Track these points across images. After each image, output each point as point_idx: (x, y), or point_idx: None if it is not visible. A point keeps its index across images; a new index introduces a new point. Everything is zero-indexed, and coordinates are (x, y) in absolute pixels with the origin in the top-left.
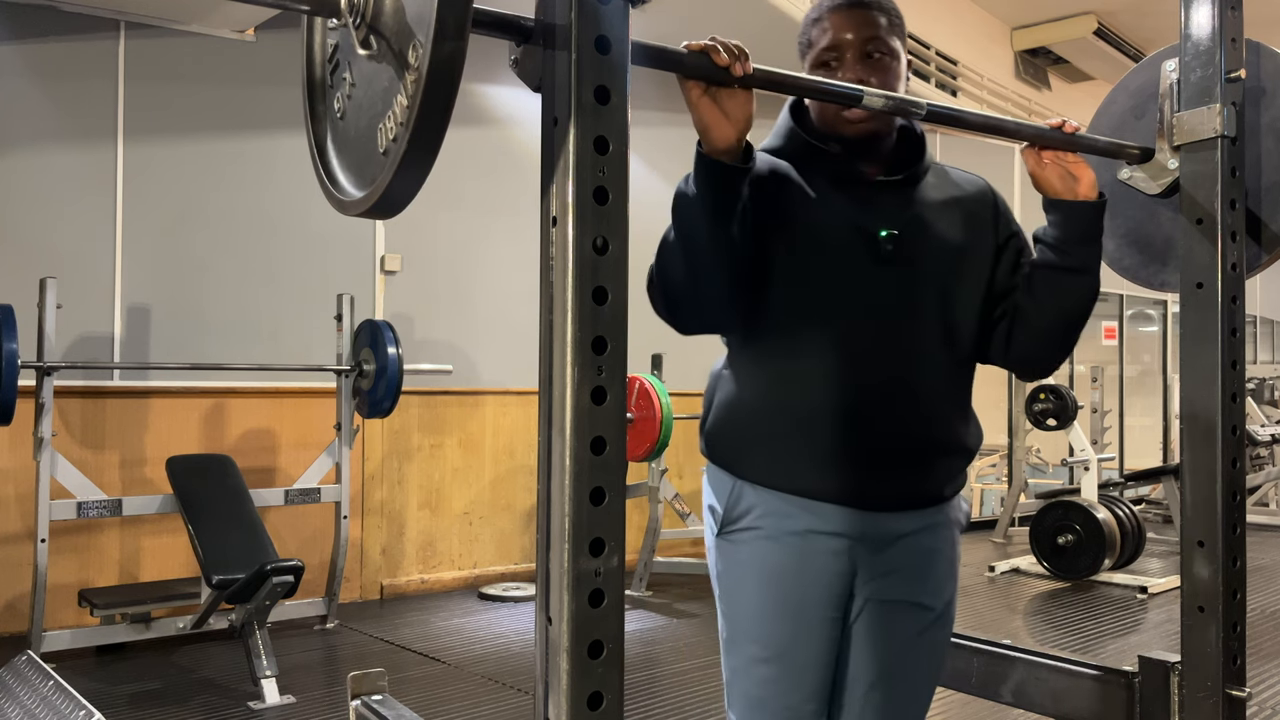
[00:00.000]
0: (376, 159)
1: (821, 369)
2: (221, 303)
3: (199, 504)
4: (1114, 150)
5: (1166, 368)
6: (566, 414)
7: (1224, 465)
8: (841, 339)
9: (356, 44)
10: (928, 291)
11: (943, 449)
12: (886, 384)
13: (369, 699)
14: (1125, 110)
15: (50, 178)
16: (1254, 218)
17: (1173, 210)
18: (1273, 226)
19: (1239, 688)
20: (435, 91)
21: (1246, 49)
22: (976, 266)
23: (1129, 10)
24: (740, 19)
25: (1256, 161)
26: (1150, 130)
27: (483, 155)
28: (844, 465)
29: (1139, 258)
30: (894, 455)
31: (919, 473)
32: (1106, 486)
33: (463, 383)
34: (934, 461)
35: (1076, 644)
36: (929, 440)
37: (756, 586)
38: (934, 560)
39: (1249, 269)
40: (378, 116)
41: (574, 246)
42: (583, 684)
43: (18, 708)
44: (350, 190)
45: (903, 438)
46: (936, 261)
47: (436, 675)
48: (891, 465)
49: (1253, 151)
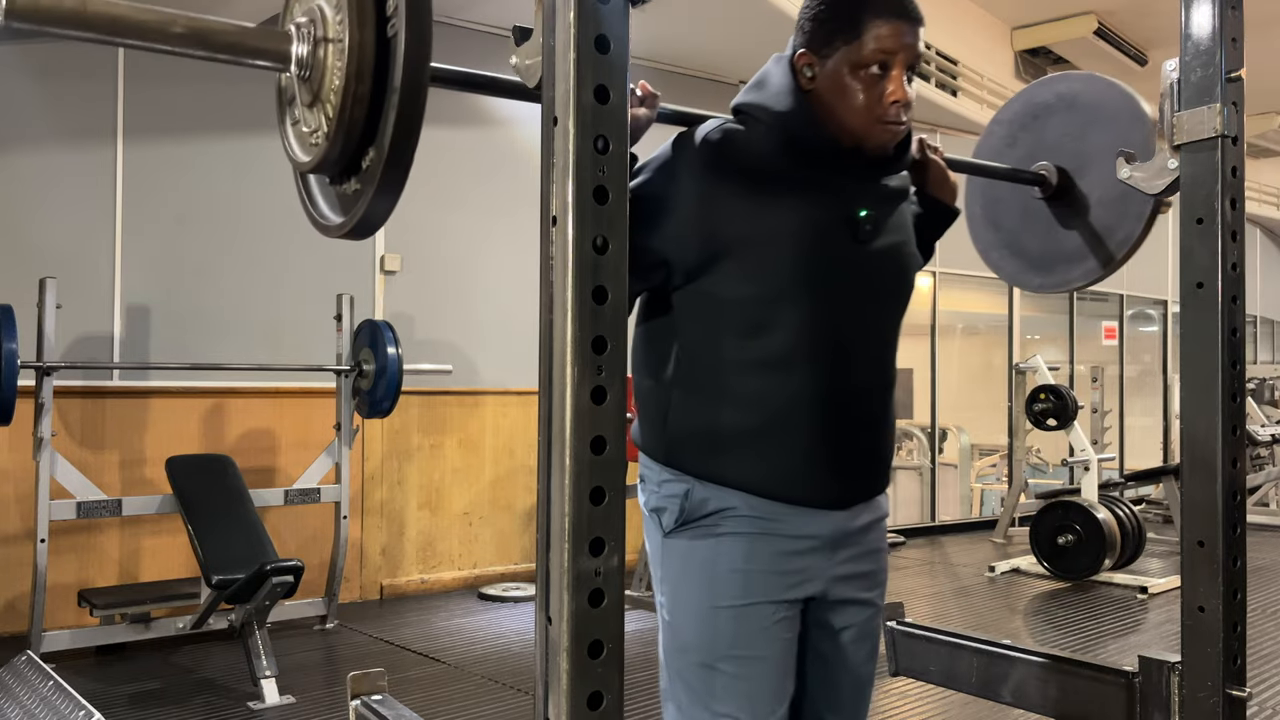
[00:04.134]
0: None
1: (800, 365)
2: (221, 303)
3: (199, 504)
4: (1011, 175)
5: (1166, 368)
6: (566, 414)
7: (1224, 465)
8: (820, 327)
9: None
10: (898, 265)
11: (892, 436)
12: (862, 384)
13: (369, 699)
14: (1000, 140)
15: (50, 178)
16: (1096, 235)
17: (1046, 224)
18: (1109, 245)
19: (1239, 688)
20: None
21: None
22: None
23: (1129, 10)
24: (740, 19)
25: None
26: (1022, 156)
27: (483, 155)
28: (824, 467)
29: (1018, 264)
30: (868, 453)
31: (883, 465)
32: (1106, 486)
33: (463, 383)
34: (890, 450)
35: (1076, 644)
36: (889, 431)
37: (715, 587)
38: (881, 557)
39: (1049, 290)
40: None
41: (574, 246)
42: (583, 684)
43: (17, 708)
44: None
45: (875, 436)
46: (902, 235)
47: (436, 675)
48: (866, 463)
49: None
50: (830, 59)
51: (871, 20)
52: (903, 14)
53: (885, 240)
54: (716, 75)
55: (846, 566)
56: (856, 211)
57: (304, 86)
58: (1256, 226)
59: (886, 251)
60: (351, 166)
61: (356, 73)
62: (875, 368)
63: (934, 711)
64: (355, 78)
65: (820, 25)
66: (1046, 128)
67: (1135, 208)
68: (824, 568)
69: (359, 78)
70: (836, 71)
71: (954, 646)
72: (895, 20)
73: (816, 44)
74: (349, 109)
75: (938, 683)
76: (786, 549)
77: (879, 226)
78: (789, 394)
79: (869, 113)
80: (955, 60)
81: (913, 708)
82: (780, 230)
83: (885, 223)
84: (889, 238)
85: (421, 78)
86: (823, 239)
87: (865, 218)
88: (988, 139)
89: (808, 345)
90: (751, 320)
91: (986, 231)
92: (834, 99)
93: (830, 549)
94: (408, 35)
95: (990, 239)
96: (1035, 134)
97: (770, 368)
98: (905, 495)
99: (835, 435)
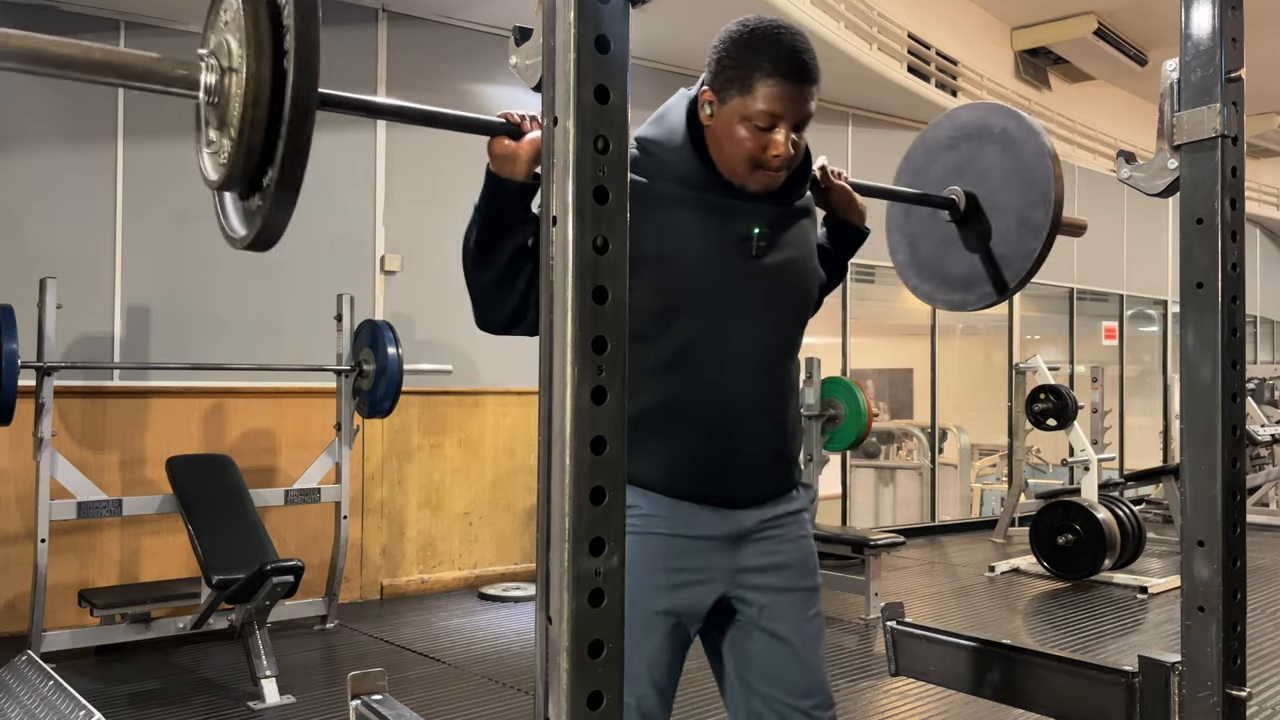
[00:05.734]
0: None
1: (695, 371)
2: (221, 303)
3: (199, 504)
4: (920, 199)
5: (1166, 368)
6: (566, 414)
7: (1224, 465)
8: (717, 338)
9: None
10: (794, 278)
11: (795, 433)
12: (756, 389)
13: (369, 699)
14: (919, 164)
15: (50, 178)
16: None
17: (960, 246)
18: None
19: (1239, 688)
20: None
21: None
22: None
23: (1129, 10)
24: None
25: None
26: (936, 180)
27: (482, 155)
28: (718, 467)
29: (936, 284)
30: (763, 455)
31: (783, 466)
32: (1106, 486)
33: (463, 383)
34: (791, 450)
35: (1076, 644)
36: (788, 433)
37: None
38: (801, 545)
39: (972, 306)
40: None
41: (574, 246)
42: (583, 684)
43: (17, 708)
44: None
45: (771, 437)
46: (799, 250)
47: (436, 675)
48: (761, 464)
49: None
50: (726, 104)
51: (764, 80)
52: (797, 76)
53: (781, 255)
54: None
55: (758, 560)
56: (750, 229)
57: (213, 111)
58: (1256, 226)
59: (782, 266)
60: (255, 184)
61: (254, 101)
62: (770, 374)
63: (934, 711)
64: (253, 105)
65: (722, 70)
66: (960, 154)
67: (1029, 243)
68: (725, 565)
69: (256, 105)
70: (729, 117)
71: (954, 646)
72: (786, 83)
73: (717, 86)
74: (247, 133)
75: (938, 683)
76: (684, 548)
77: (773, 242)
78: (684, 398)
79: (750, 160)
80: (955, 60)
81: (913, 708)
82: (677, 249)
83: (780, 238)
84: (785, 253)
85: (309, 106)
86: (718, 256)
87: (759, 235)
88: (908, 162)
89: (703, 353)
90: (654, 329)
91: (901, 251)
92: (723, 140)
93: (732, 547)
94: (296, 66)
95: (906, 259)
96: (953, 157)
97: (668, 373)
98: (905, 495)
99: (728, 437)
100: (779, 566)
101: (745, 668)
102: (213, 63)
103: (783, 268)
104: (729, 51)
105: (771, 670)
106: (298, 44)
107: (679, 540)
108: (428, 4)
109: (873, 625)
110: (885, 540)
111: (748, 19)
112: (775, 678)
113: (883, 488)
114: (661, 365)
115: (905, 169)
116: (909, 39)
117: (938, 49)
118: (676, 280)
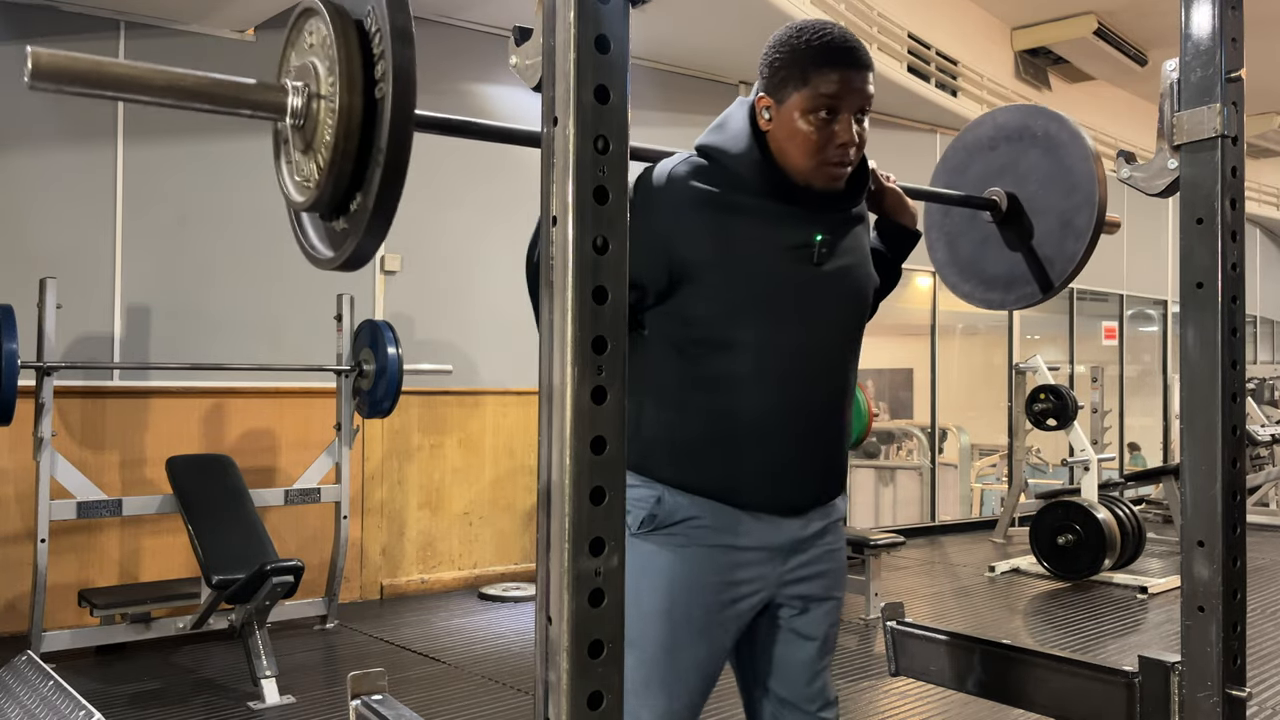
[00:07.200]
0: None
1: (756, 380)
2: (221, 303)
3: (199, 504)
4: (963, 201)
5: (1166, 368)
6: (566, 414)
7: (1224, 465)
8: (779, 344)
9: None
10: (853, 285)
11: (846, 445)
12: (815, 397)
13: (369, 699)
14: (956, 165)
15: (50, 178)
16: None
17: (1001, 246)
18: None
19: (1239, 688)
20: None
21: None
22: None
23: (1129, 10)
24: (740, 19)
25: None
26: (974, 180)
27: (482, 155)
28: (778, 476)
29: (976, 284)
30: (820, 463)
31: (836, 473)
32: (1106, 487)
33: (463, 383)
34: (843, 458)
35: (1076, 644)
36: (843, 441)
37: (668, 590)
38: (837, 556)
39: (1004, 306)
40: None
41: (574, 246)
42: (583, 684)
43: (18, 708)
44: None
45: (828, 445)
46: (857, 257)
47: (436, 675)
48: (818, 472)
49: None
50: (784, 103)
51: (820, 69)
52: (850, 64)
53: (840, 262)
54: (716, 75)
55: (801, 570)
56: (812, 236)
57: (298, 134)
58: (1256, 226)
59: (841, 273)
60: (341, 207)
61: (345, 132)
62: (828, 382)
63: (934, 711)
64: (345, 137)
65: (775, 72)
66: (1000, 155)
67: (1071, 246)
68: (774, 575)
69: (348, 137)
70: (789, 115)
71: (954, 646)
72: (843, 69)
73: (773, 89)
74: (338, 163)
75: (938, 683)
76: (740, 560)
77: (834, 249)
78: (745, 407)
79: (817, 154)
80: (955, 60)
81: (913, 708)
82: (740, 255)
83: (840, 245)
84: (844, 259)
85: (406, 138)
86: (779, 263)
87: (821, 242)
88: (945, 162)
89: (764, 361)
90: (713, 338)
91: (940, 250)
92: (786, 141)
93: (783, 557)
94: (394, 100)
95: (945, 258)
96: (994, 158)
97: (729, 382)
98: (905, 495)
99: (789, 445)
100: (819, 575)
101: (760, 660)
102: (299, 86)
103: (841, 274)
104: (780, 52)
105: (785, 670)
106: (395, 76)
107: (737, 552)
108: (428, 4)
109: (873, 625)
110: (885, 540)
111: (791, 24)
112: (787, 678)
113: (883, 488)
114: (721, 373)
115: (942, 169)
116: (909, 39)
117: (938, 49)
118: (738, 287)
